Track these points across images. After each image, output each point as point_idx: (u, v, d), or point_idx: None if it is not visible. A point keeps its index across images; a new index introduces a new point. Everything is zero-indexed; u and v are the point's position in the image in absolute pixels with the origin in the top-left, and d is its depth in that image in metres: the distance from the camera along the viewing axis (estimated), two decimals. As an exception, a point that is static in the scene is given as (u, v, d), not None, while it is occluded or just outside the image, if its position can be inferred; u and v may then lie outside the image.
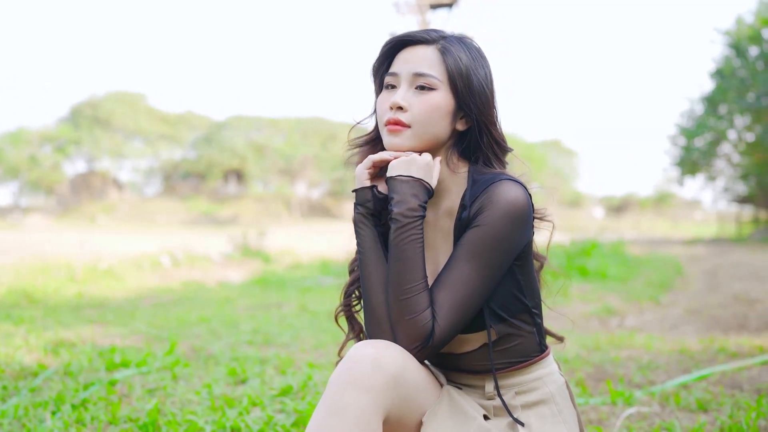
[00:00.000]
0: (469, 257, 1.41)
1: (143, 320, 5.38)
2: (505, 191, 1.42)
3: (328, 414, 1.28)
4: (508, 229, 1.41)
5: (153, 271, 10.40)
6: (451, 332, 1.42)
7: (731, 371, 3.42)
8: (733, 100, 26.58)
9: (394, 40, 1.53)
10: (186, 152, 53.22)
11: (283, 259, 13.35)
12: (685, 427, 2.46)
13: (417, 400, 1.42)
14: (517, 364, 1.53)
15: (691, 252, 16.84)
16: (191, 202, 47.32)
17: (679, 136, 31.17)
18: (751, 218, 32.16)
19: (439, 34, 1.52)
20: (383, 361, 1.32)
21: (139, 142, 51.95)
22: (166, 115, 51.83)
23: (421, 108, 1.46)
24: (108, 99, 49.81)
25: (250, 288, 8.56)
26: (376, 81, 1.58)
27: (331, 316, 5.61)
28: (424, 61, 1.47)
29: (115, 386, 3.05)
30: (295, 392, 2.92)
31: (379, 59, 1.56)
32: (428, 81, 1.46)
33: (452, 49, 1.48)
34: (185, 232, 26.83)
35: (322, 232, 28.60)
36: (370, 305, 1.46)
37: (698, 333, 4.78)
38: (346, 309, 1.66)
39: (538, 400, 1.53)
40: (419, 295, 1.40)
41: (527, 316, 1.53)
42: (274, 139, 52.59)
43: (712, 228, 35.02)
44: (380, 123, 1.52)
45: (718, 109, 28.93)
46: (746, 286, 8.01)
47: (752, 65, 26.31)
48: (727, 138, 29.71)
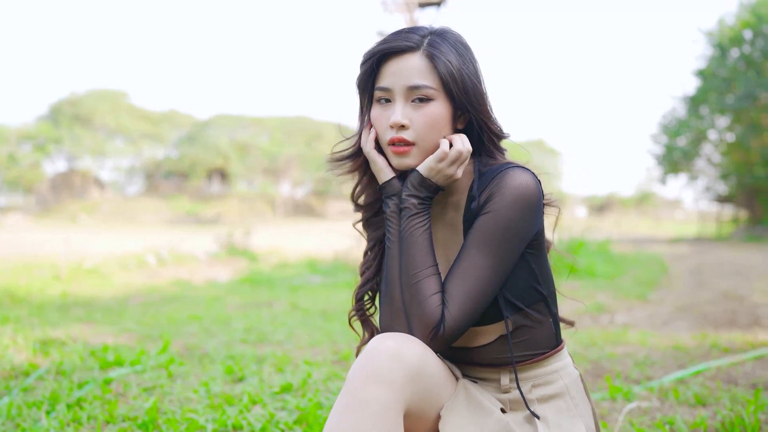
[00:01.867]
0: (479, 244, 1.40)
1: (133, 319, 5.32)
2: (515, 177, 1.41)
3: (348, 408, 1.26)
4: (519, 214, 1.40)
5: (139, 270, 10.32)
6: (464, 321, 1.39)
7: (726, 366, 3.45)
8: (715, 100, 26.89)
9: (377, 51, 1.47)
10: (169, 151, 52.88)
11: (269, 258, 13.29)
12: (687, 422, 2.47)
13: (436, 394, 1.41)
14: (533, 357, 1.51)
15: (674, 251, 16.99)
16: (174, 201, 47.00)
17: (661, 135, 31.46)
18: (731, 218, 32.52)
19: (421, 35, 1.46)
20: (403, 354, 1.30)
21: (120, 141, 51.52)
22: (148, 114, 51.46)
23: (422, 123, 1.44)
24: (89, 97, 49.34)
25: (239, 287, 8.51)
26: (364, 95, 1.54)
27: (324, 315, 5.61)
28: (415, 71, 1.43)
29: (110, 385, 3.00)
30: (295, 390, 2.90)
31: (363, 73, 1.50)
32: (424, 92, 1.43)
33: (439, 51, 1.44)
34: (168, 232, 26.61)
35: (307, 232, 28.53)
36: (390, 295, 1.44)
37: (690, 329, 4.82)
38: (360, 313, 1.63)
39: (554, 394, 1.52)
40: (428, 279, 1.39)
41: (543, 306, 1.52)
42: (259, 138, 52.42)
43: (693, 227, 35.35)
44: (383, 141, 1.49)
45: (700, 109, 29.25)
46: (732, 283, 8.10)
47: (733, 66, 26.63)
48: (708, 138, 30.03)
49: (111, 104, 49.37)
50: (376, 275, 1.61)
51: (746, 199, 29.45)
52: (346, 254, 14.12)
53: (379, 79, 1.48)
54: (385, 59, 1.47)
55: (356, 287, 1.63)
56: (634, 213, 55.94)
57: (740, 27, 26.14)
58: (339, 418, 1.27)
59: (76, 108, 48.50)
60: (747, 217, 30.24)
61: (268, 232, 22.99)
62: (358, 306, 1.63)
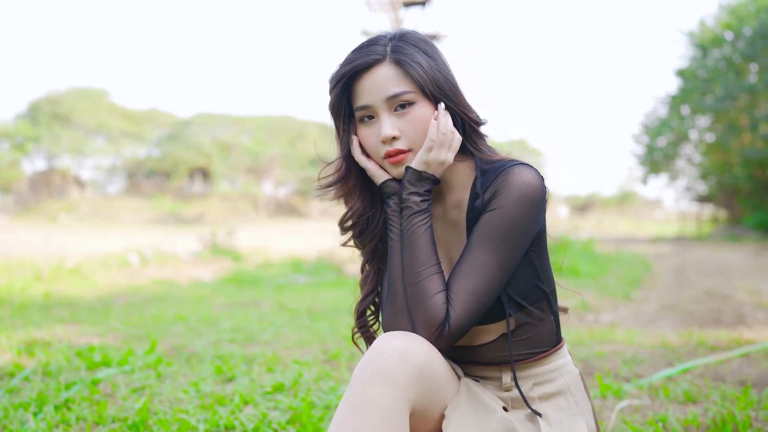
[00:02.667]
0: (484, 241, 1.39)
1: (117, 319, 5.27)
2: (520, 174, 1.41)
3: (354, 408, 1.25)
4: (524, 211, 1.40)
5: (121, 270, 10.22)
6: (469, 319, 1.38)
7: (714, 364, 3.48)
8: (695, 100, 27.18)
9: (345, 72, 1.46)
10: (150, 150, 52.44)
11: (253, 257, 13.23)
12: (678, 419, 2.49)
13: (440, 394, 1.40)
14: (535, 355, 1.51)
15: (656, 250, 17.14)
16: (156, 200, 46.60)
17: (642, 135, 31.75)
18: (711, 217, 32.89)
19: (382, 45, 1.46)
20: (410, 354, 1.29)
21: (101, 140, 50.98)
22: (129, 112, 50.98)
23: (411, 128, 1.43)
24: (68, 95, 48.77)
25: (224, 286, 8.46)
26: (340, 118, 1.52)
27: (311, 314, 5.59)
28: (389, 81, 1.43)
29: (98, 386, 2.97)
30: (287, 389, 2.88)
31: (336, 96, 1.49)
32: (404, 98, 1.43)
33: (405, 55, 1.44)
34: (150, 231, 26.39)
35: (290, 231, 28.44)
36: (393, 293, 1.43)
37: (675, 327, 4.86)
38: (363, 330, 1.62)
39: (555, 392, 1.51)
40: (431, 277, 1.39)
41: (545, 304, 1.52)
42: (241, 138, 52.17)
43: (673, 227, 35.70)
44: (376, 158, 1.49)
45: (681, 110, 29.57)
46: (715, 282, 8.18)
47: (714, 67, 26.93)
48: (689, 138, 30.35)
49: (91, 103, 48.82)
50: (375, 289, 1.60)
51: (726, 199, 29.81)
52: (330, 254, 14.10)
53: (356, 99, 1.48)
54: (355, 78, 1.47)
55: (356, 302, 1.62)
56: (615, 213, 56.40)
57: (721, 28, 26.45)
58: (345, 418, 1.26)
59: (56, 106, 47.92)
60: (726, 216, 30.60)
61: (251, 231, 22.86)
62: (360, 322, 1.61)
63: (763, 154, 23.81)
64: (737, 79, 24.59)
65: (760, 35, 22.99)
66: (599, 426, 1.59)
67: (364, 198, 1.54)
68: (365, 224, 1.55)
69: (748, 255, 14.19)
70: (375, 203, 1.56)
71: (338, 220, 1.58)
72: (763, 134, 24.09)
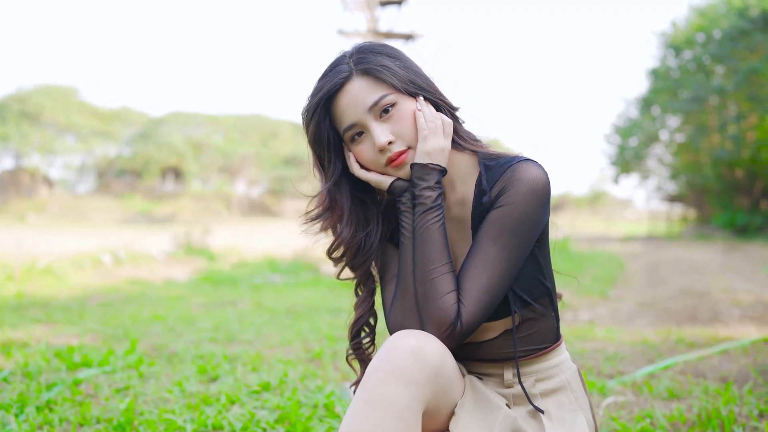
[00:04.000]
0: (494, 237, 1.39)
1: (94, 319, 5.18)
2: (528, 170, 1.41)
3: (370, 406, 1.24)
4: (533, 207, 1.40)
5: (94, 270, 10.06)
6: (480, 316, 1.38)
7: (694, 361, 3.53)
8: (666, 101, 27.59)
9: (320, 99, 1.45)
10: (121, 149, 51.73)
11: (227, 257, 13.12)
12: (664, 415, 2.51)
13: (451, 393, 1.40)
14: (537, 351, 1.51)
15: (628, 249, 17.35)
16: (127, 200, 46.01)
17: (614, 135, 32.16)
18: (681, 217, 33.44)
19: (345, 63, 1.45)
20: (426, 353, 1.29)
21: (71, 138, 50.18)
22: (99, 111, 50.26)
23: (402, 127, 1.43)
24: (37, 93, 47.91)
25: (199, 286, 8.37)
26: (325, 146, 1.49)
27: (291, 314, 5.56)
28: (364, 91, 1.42)
29: (79, 386, 2.91)
30: (273, 389, 2.85)
31: (316, 125, 1.47)
32: (385, 102, 1.42)
33: (370, 63, 1.43)
34: (121, 231, 26.01)
35: (264, 231, 28.27)
36: (404, 290, 1.42)
37: (653, 325, 4.91)
38: (358, 352, 1.59)
39: (556, 388, 1.52)
40: (443, 276, 1.38)
41: (547, 300, 1.52)
42: (214, 137, 51.74)
43: (644, 226, 36.21)
44: (378, 168, 1.47)
45: (652, 110, 30.01)
46: (689, 280, 8.31)
47: (685, 68, 27.36)
48: (659, 138, 30.81)
49: (60, 100, 48.02)
50: (370, 311, 1.58)
51: (695, 198, 30.33)
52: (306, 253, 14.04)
53: (340, 122, 1.46)
54: (331, 102, 1.46)
55: (350, 323, 1.59)
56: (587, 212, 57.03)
57: (693, 29, 26.89)
58: (359, 416, 1.24)
59: (24, 104, 47.05)
60: (696, 216, 31.14)
61: (224, 231, 22.67)
62: (354, 344, 1.59)
63: (731, 154, 24.28)
64: (707, 81, 25.02)
65: (730, 37, 23.41)
66: (597, 422, 1.60)
67: (351, 224, 1.52)
68: (358, 248, 1.53)
69: (718, 253, 14.45)
70: (367, 224, 1.54)
71: (326, 250, 1.57)
72: (732, 135, 24.56)
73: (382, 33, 12.72)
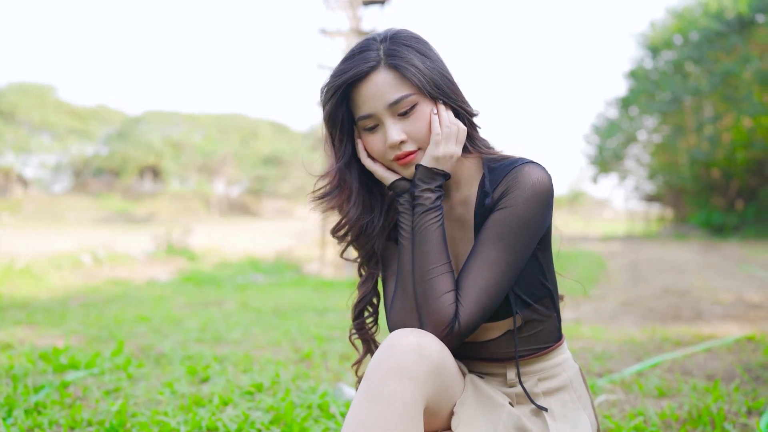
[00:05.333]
0: (495, 239, 1.39)
1: (77, 320, 5.12)
2: (531, 173, 1.41)
3: (373, 403, 1.24)
4: (535, 209, 1.40)
5: (74, 270, 9.95)
6: (479, 317, 1.38)
7: (681, 359, 3.57)
8: (644, 102, 27.90)
9: (341, 84, 1.44)
10: (98, 148, 51.13)
11: (209, 257, 13.05)
12: (656, 413, 2.54)
13: (452, 390, 1.41)
14: (539, 351, 1.52)
15: (607, 248, 17.52)
16: (104, 199, 45.51)
17: (593, 135, 32.46)
18: (658, 216, 33.84)
19: (375, 50, 1.44)
20: (426, 349, 1.29)
21: (46, 137, 49.47)
22: (76, 109, 49.60)
23: (416, 129, 1.43)
24: (11, 91, 47.16)
25: (182, 286, 8.31)
26: (336, 128, 1.49)
27: (277, 314, 5.53)
28: (388, 87, 1.41)
29: (67, 388, 2.87)
30: (266, 390, 2.83)
31: (332, 107, 1.46)
32: (405, 102, 1.41)
33: (400, 58, 1.42)
34: (99, 231, 25.75)
35: (244, 231, 28.12)
36: (404, 290, 1.43)
37: (637, 324, 4.96)
38: (362, 332, 1.60)
39: (559, 387, 1.53)
40: (442, 276, 1.38)
41: (549, 301, 1.53)
42: (192, 136, 51.34)
43: (622, 225, 36.58)
44: (384, 161, 1.48)
45: (630, 111, 30.33)
46: (670, 279, 8.40)
47: (662, 70, 27.68)
48: (637, 139, 31.16)
49: (35, 99, 47.30)
50: (372, 291, 1.58)
51: (673, 198, 30.71)
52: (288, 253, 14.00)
53: (357, 109, 1.46)
54: (352, 87, 1.45)
55: (354, 303, 1.60)
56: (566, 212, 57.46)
57: (671, 32, 27.21)
58: (362, 413, 1.24)
59: (-2, 102, 46.35)
60: (673, 215, 31.52)
61: (204, 231, 22.53)
62: (358, 324, 1.59)
63: (708, 155, 24.62)
64: (684, 82, 25.34)
65: (706, 39, 23.73)
66: (599, 420, 1.61)
67: (358, 206, 1.52)
68: (360, 230, 1.53)
69: (696, 252, 14.63)
70: (372, 210, 1.55)
71: (331, 229, 1.56)
72: (708, 136, 24.90)
73: (365, 32, 12.69)
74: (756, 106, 22.43)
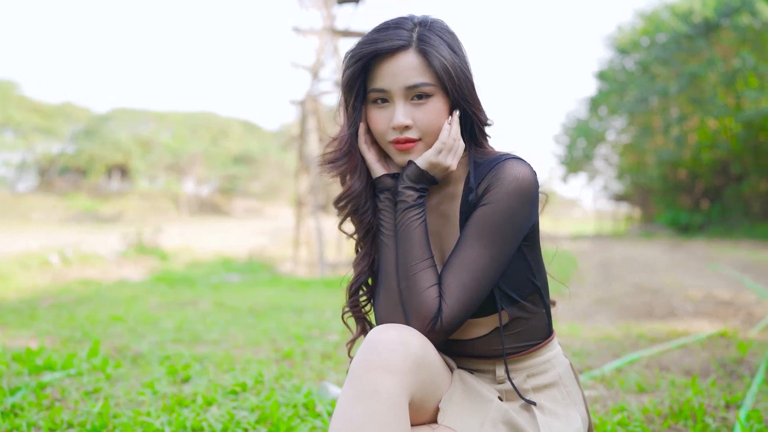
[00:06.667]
0: (477, 235, 1.39)
1: (48, 321, 5.03)
2: (513, 169, 1.41)
3: (359, 398, 1.24)
4: (517, 205, 1.40)
5: (42, 271, 9.76)
6: (462, 312, 1.38)
7: (657, 355, 3.62)
8: (613, 102, 28.30)
9: (368, 53, 1.42)
10: (64, 146, 50.22)
11: (180, 256, 12.92)
12: (639, 408, 2.57)
13: (436, 384, 1.41)
14: (528, 348, 1.52)
15: (578, 247, 17.71)
16: (70, 198, 44.73)
17: (563, 135, 32.82)
18: (626, 215, 34.34)
19: (408, 30, 1.43)
20: (409, 343, 1.30)
21: (9, 135, 48.44)
22: (41, 106, 48.66)
23: (425, 119, 1.42)
24: (-27, 87, 46.16)
25: (155, 286, 8.20)
26: (351, 95, 1.48)
27: (253, 313, 5.49)
28: (411, 70, 1.41)
29: (45, 390, 2.82)
30: (249, 389, 2.81)
31: (353, 73, 1.45)
32: (422, 90, 1.41)
33: (431, 46, 1.41)
34: (66, 231, 25.31)
35: (214, 230, 27.86)
36: (387, 287, 1.43)
37: (612, 321, 5.03)
38: (355, 309, 1.59)
39: (548, 383, 1.53)
40: (424, 271, 1.38)
41: (537, 298, 1.53)
42: (161, 134, 50.72)
43: (591, 225, 37.04)
44: (382, 140, 1.47)
45: (599, 111, 30.74)
46: (641, 277, 8.53)
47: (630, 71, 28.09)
48: (606, 139, 31.58)
49: (-1, 95, 46.35)
50: (369, 268, 1.57)
51: (640, 197, 31.18)
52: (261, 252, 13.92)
53: (373, 81, 1.45)
54: (376, 59, 1.44)
55: (350, 281, 1.59)
56: (535, 211, 57.91)
57: (639, 34, 27.64)
58: (350, 408, 1.24)
59: (-41, 99, 45.27)
60: (641, 215, 32.01)
61: (174, 230, 22.28)
62: (352, 302, 1.59)
63: (674, 155, 25.04)
64: (651, 83, 25.74)
65: (674, 41, 24.13)
66: (590, 416, 1.62)
67: (362, 178, 1.51)
68: (360, 203, 1.52)
69: (664, 251, 14.88)
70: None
71: (334, 200, 1.56)
72: (675, 136, 25.33)
73: (339, 31, 12.66)
74: (720, 108, 22.89)
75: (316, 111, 13.40)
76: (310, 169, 12.90)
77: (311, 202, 12.71)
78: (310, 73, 13.54)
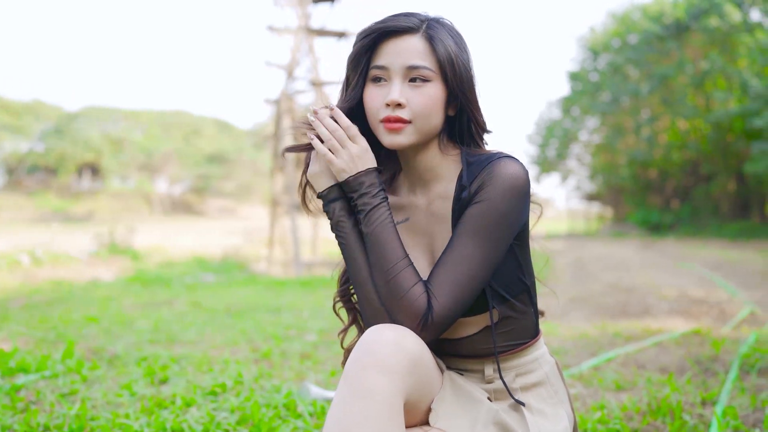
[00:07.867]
0: (470, 233, 1.39)
1: (20, 322, 4.94)
2: (506, 167, 1.41)
3: (354, 398, 1.23)
4: (510, 203, 1.40)
5: (11, 271, 9.58)
6: (454, 309, 1.38)
7: (633, 353, 3.67)
8: (585, 102, 28.60)
9: (377, 29, 1.44)
10: (33, 144, 49.36)
11: (153, 256, 12.77)
12: (618, 405, 2.60)
13: (430, 385, 1.40)
14: (517, 347, 1.53)
15: (551, 246, 17.86)
16: (39, 198, 44.02)
17: (536, 135, 33.09)
18: (598, 215, 34.73)
19: (420, 19, 1.46)
20: (404, 344, 1.29)
21: (-23, 133, 47.55)
22: (9, 104, 47.80)
23: (419, 102, 1.42)
24: (-60, 84, 45.18)
25: (129, 286, 8.10)
26: (355, 73, 1.49)
27: (230, 313, 5.45)
28: (415, 52, 1.42)
29: (19, 392, 2.76)
30: (229, 390, 2.78)
31: (359, 49, 1.47)
32: (422, 73, 1.42)
33: (438, 35, 1.44)
34: (35, 230, 24.88)
35: (188, 230, 27.60)
36: (364, 296, 1.42)
37: (588, 319, 5.08)
38: (345, 298, 1.59)
39: (536, 382, 1.54)
40: (403, 271, 1.37)
41: (526, 297, 1.53)
42: (133, 133, 50.15)
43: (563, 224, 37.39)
44: (373, 119, 1.46)
45: (572, 111, 31.05)
46: (615, 275, 8.63)
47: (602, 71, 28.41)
48: (579, 139, 31.90)
49: (-34, 92, 45.42)
50: None
51: (612, 197, 31.56)
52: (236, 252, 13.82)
53: (376, 58, 1.45)
54: (384, 38, 1.45)
55: (340, 272, 1.60)
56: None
57: (611, 35, 27.97)
58: (345, 408, 1.23)
59: (-75, 96, 44.27)
60: (612, 214, 32.39)
61: (147, 230, 22.02)
62: (342, 291, 1.58)
63: (645, 155, 25.39)
64: (623, 84, 26.07)
65: (645, 42, 24.46)
66: (575, 414, 1.63)
67: None
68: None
69: (636, 250, 15.07)
70: None
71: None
72: (646, 137, 25.68)
73: (314, 30, 12.62)
74: (690, 109, 23.27)
75: (291, 110, 13.35)
76: (285, 168, 12.85)
77: (286, 202, 12.67)
78: (285, 71, 13.50)
